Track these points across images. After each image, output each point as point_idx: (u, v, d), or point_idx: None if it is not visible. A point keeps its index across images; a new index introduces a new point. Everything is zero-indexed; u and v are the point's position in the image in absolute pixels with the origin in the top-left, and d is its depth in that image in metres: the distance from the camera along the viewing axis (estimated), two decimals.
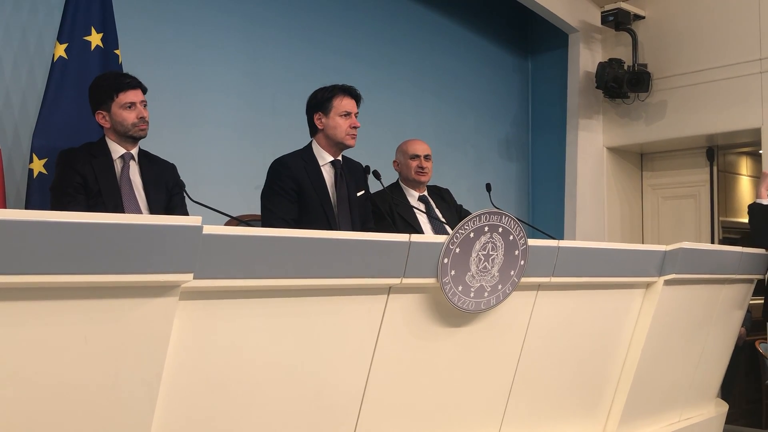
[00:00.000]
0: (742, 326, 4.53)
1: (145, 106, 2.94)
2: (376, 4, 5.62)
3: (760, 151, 5.46)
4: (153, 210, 2.90)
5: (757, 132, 5.46)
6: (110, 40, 3.63)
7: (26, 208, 3.40)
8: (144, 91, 2.97)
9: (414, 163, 3.67)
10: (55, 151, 3.10)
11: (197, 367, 1.88)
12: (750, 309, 4.61)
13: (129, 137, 2.92)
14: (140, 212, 2.87)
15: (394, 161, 3.77)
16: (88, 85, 3.01)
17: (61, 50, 3.49)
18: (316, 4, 5.23)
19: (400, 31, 5.77)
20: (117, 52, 3.65)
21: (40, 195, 3.35)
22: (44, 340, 1.58)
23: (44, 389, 1.60)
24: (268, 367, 2.02)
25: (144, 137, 2.96)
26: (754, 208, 4.02)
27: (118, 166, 2.91)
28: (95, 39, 3.58)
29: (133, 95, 2.90)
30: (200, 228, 1.72)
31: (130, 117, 2.89)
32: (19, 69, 3.87)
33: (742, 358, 5.45)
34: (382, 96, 5.40)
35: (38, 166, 3.39)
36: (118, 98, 2.88)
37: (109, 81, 2.93)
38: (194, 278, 1.74)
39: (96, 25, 3.59)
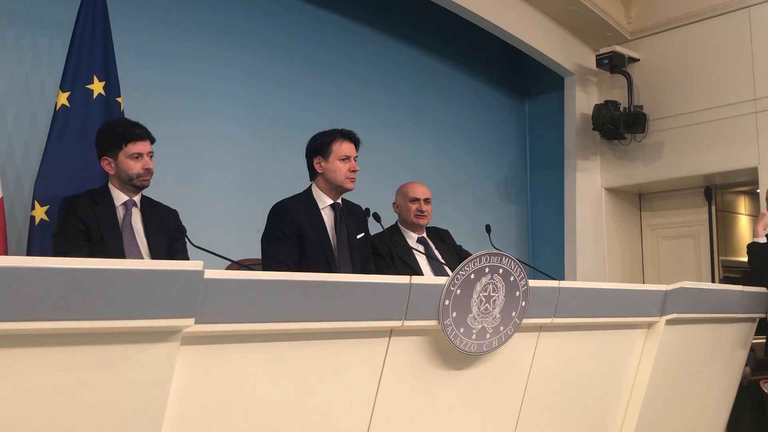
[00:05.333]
0: (746, 366, 4.51)
1: (151, 156, 2.96)
2: (374, 51, 5.70)
3: (758, 190, 5.48)
4: (155, 256, 2.91)
5: (753, 171, 5.50)
6: (112, 87, 3.67)
7: (28, 254, 3.40)
8: (152, 141, 2.99)
9: (414, 206, 3.69)
10: (57, 198, 3.11)
11: (199, 412, 1.87)
12: (754, 348, 4.58)
13: (132, 186, 2.94)
14: (142, 258, 2.87)
15: (394, 203, 3.79)
16: (95, 131, 3.03)
17: (63, 98, 3.53)
18: (316, 53, 5.31)
19: (399, 77, 5.85)
20: (119, 99, 3.69)
21: (41, 242, 3.35)
22: (46, 387, 1.58)
23: None
24: (270, 412, 2.01)
25: (146, 187, 2.99)
26: (752, 248, 4.04)
27: (120, 213, 2.92)
28: (97, 87, 3.62)
29: (141, 146, 2.93)
30: (202, 272, 1.72)
31: (135, 167, 2.91)
32: (21, 117, 3.91)
33: (747, 397, 5.40)
34: (381, 140, 5.45)
35: (40, 213, 3.40)
36: (126, 148, 2.90)
37: (120, 129, 2.94)
38: (196, 323, 1.73)
39: (98, 74, 3.63)
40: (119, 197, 2.94)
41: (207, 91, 4.72)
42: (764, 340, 4.13)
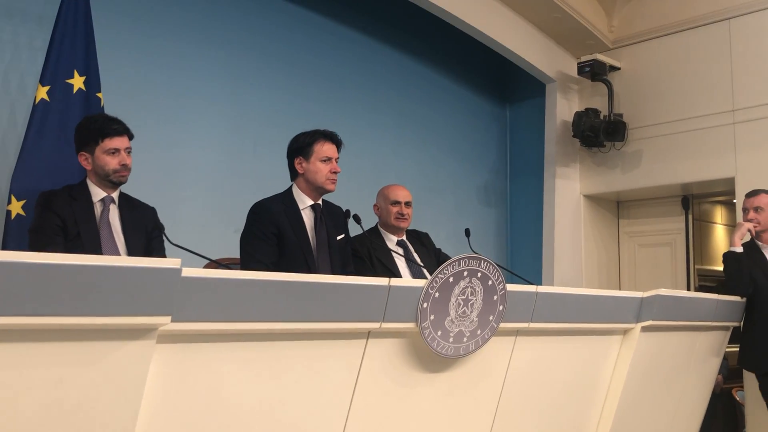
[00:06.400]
0: (719, 374, 4.56)
1: (129, 152, 2.94)
2: (358, 53, 5.70)
3: (734, 201, 5.55)
4: (132, 253, 2.88)
5: (730, 181, 5.55)
6: (93, 82, 3.64)
7: (3, 249, 3.36)
8: (130, 137, 2.97)
9: (394, 209, 3.69)
10: (34, 193, 3.08)
11: (174, 411, 1.85)
12: (727, 356, 4.63)
13: (109, 182, 2.92)
14: (119, 255, 2.85)
15: (375, 205, 3.79)
16: (74, 126, 3.01)
17: (43, 92, 3.49)
18: (299, 54, 5.29)
19: (381, 81, 5.85)
20: (99, 95, 3.65)
21: (17, 237, 3.31)
22: (18, 383, 1.56)
23: None
24: (245, 412, 2.00)
25: (124, 183, 2.97)
26: (728, 257, 4.09)
27: (97, 209, 2.90)
28: (78, 82, 3.58)
29: (118, 142, 2.91)
30: (179, 270, 1.71)
31: (112, 163, 2.89)
32: (0, 110, 3.86)
33: (720, 406, 5.46)
34: (363, 142, 5.44)
35: (16, 207, 3.36)
36: (103, 143, 2.88)
37: (97, 124, 2.92)
38: (172, 321, 1.73)
39: (79, 68, 3.59)
40: (97, 193, 2.92)
41: (189, 89, 4.69)
42: (737, 349, 4.17)
